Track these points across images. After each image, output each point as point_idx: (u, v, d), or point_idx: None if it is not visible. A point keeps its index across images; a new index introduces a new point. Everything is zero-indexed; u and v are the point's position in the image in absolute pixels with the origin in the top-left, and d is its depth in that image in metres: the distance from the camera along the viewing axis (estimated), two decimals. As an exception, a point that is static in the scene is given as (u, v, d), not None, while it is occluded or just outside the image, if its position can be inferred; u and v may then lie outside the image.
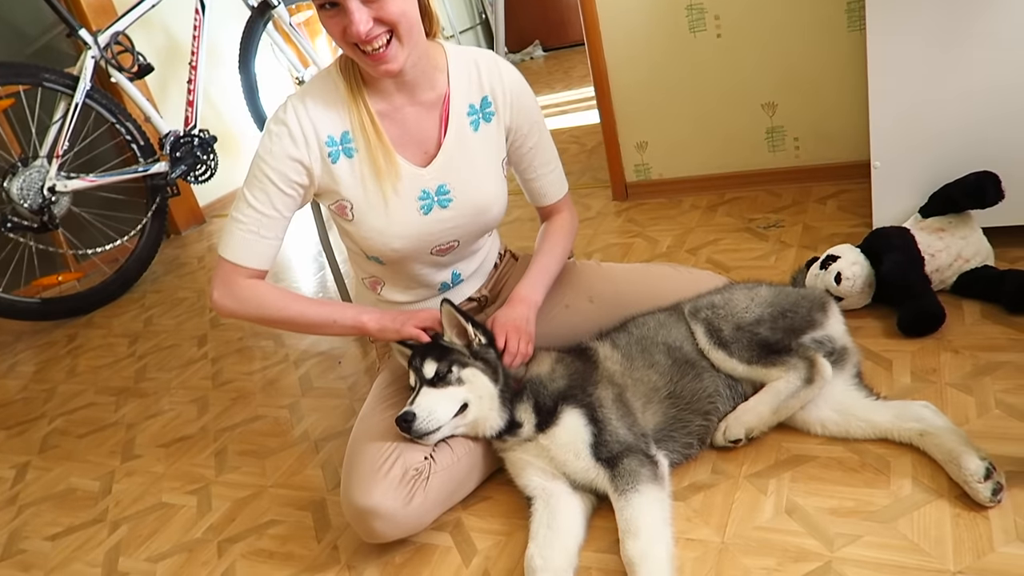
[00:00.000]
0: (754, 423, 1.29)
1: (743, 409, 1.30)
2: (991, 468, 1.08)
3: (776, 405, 1.28)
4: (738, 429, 1.29)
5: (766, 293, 1.41)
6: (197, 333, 2.37)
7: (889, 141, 1.68)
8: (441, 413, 1.28)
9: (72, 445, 1.89)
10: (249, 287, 1.33)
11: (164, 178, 2.88)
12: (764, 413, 1.29)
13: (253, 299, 1.33)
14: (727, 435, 1.29)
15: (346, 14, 1.18)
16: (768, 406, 1.28)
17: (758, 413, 1.29)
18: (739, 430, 1.29)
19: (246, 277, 1.32)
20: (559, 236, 1.54)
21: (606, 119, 2.44)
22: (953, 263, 1.57)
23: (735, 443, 1.29)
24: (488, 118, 1.39)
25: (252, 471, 1.61)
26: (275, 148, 1.29)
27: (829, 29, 2.06)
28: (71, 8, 3.08)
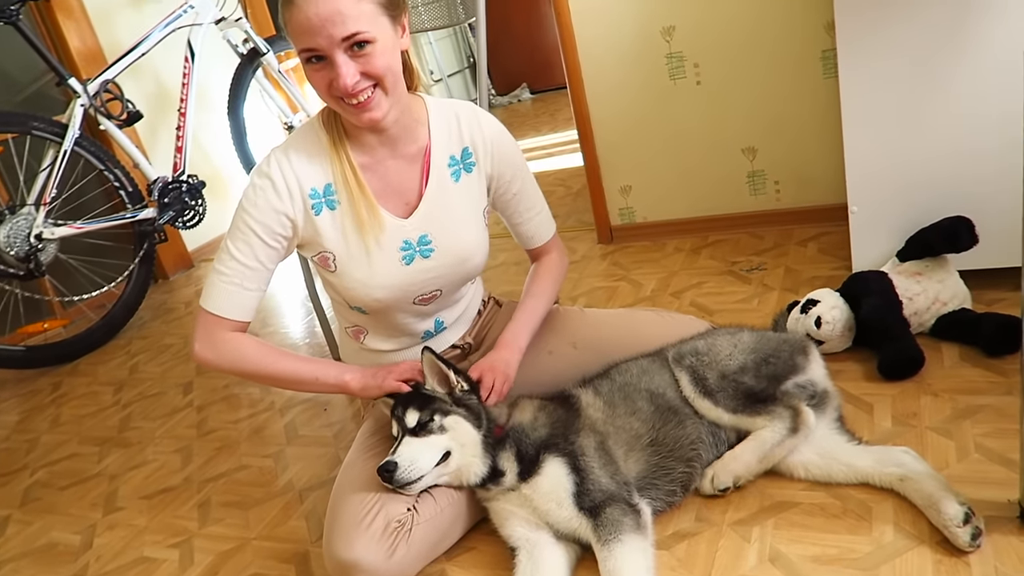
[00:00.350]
0: (741, 471, 1.29)
1: (730, 457, 1.30)
2: (970, 513, 1.09)
3: (762, 454, 1.28)
4: (726, 477, 1.29)
5: (748, 339, 1.42)
6: (183, 380, 2.36)
7: (865, 186, 1.72)
8: (424, 462, 1.27)
9: (54, 498, 1.87)
10: (231, 340, 1.33)
11: (152, 224, 2.89)
12: (751, 462, 1.29)
13: (234, 353, 1.33)
14: (715, 484, 1.29)
15: (333, 67, 1.20)
16: (754, 455, 1.29)
17: (745, 462, 1.29)
18: (727, 478, 1.29)
19: (228, 330, 1.33)
20: (547, 280, 1.56)
21: (590, 163, 2.48)
22: (931, 306, 1.59)
23: (723, 491, 1.29)
24: (469, 168, 1.41)
25: (236, 523, 1.59)
26: (259, 200, 1.30)
27: (805, 76, 2.11)
28: (61, 57, 3.12)
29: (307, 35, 1.18)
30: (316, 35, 1.17)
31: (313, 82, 1.25)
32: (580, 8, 2.28)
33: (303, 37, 1.19)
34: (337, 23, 1.17)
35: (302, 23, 1.17)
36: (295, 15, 1.18)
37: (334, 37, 1.17)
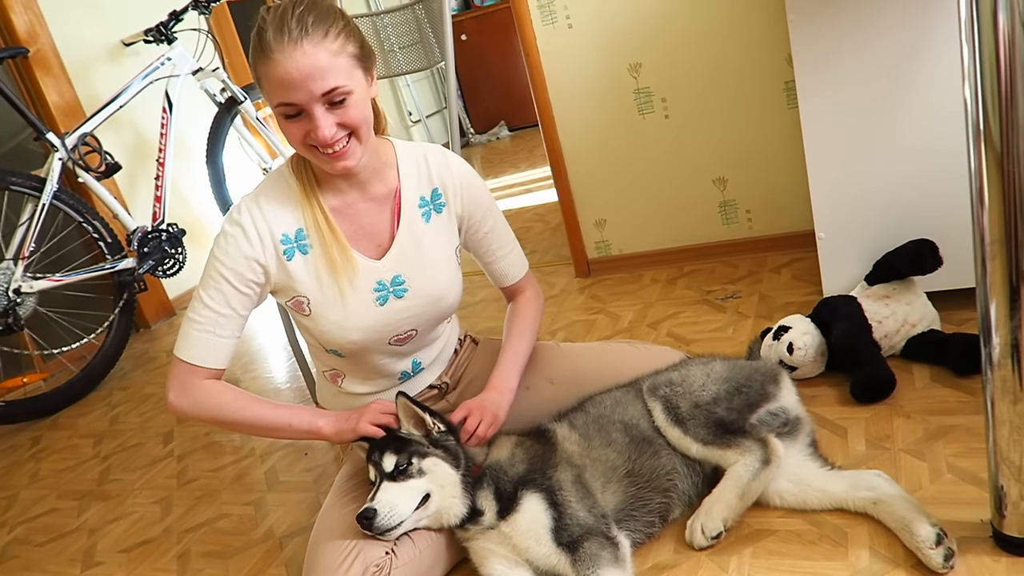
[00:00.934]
0: (726, 513, 1.27)
1: (711, 502, 1.28)
2: (942, 534, 1.09)
3: (741, 490, 1.27)
4: (715, 523, 1.26)
5: (720, 368, 1.43)
6: (163, 430, 2.34)
7: (831, 213, 1.75)
8: (403, 508, 1.27)
9: (32, 554, 1.85)
10: (205, 388, 1.33)
11: (132, 274, 2.89)
12: (732, 501, 1.27)
13: (209, 401, 1.33)
14: (706, 533, 1.25)
15: (311, 120, 1.21)
16: (734, 493, 1.27)
17: (726, 502, 1.27)
18: (716, 524, 1.25)
19: (203, 378, 1.33)
20: (526, 320, 1.57)
21: (564, 198, 2.51)
22: (900, 328, 1.61)
23: (716, 538, 1.26)
24: (439, 209, 1.43)
25: (215, 573, 1.57)
26: (230, 248, 1.31)
27: (770, 107, 2.16)
28: (40, 112, 3.14)
29: (285, 90, 1.19)
30: (295, 90, 1.19)
31: (288, 133, 1.26)
32: (548, 48, 2.33)
33: (280, 92, 1.20)
34: (316, 78, 1.18)
35: (280, 78, 1.18)
36: (272, 69, 1.19)
37: (313, 92, 1.19)
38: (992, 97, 0.91)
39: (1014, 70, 0.89)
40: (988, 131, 0.93)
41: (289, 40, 1.17)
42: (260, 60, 1.20)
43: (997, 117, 0.92)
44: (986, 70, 0.91)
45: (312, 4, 1.20)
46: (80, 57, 3.29)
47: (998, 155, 0.93)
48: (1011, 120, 0.91)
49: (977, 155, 0.95)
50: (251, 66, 1.24)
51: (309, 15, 1.19)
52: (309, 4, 1.20)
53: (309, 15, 1.19)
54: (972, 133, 0.95)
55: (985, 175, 0.95)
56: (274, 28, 1.17)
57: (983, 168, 0.95)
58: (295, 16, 1.18)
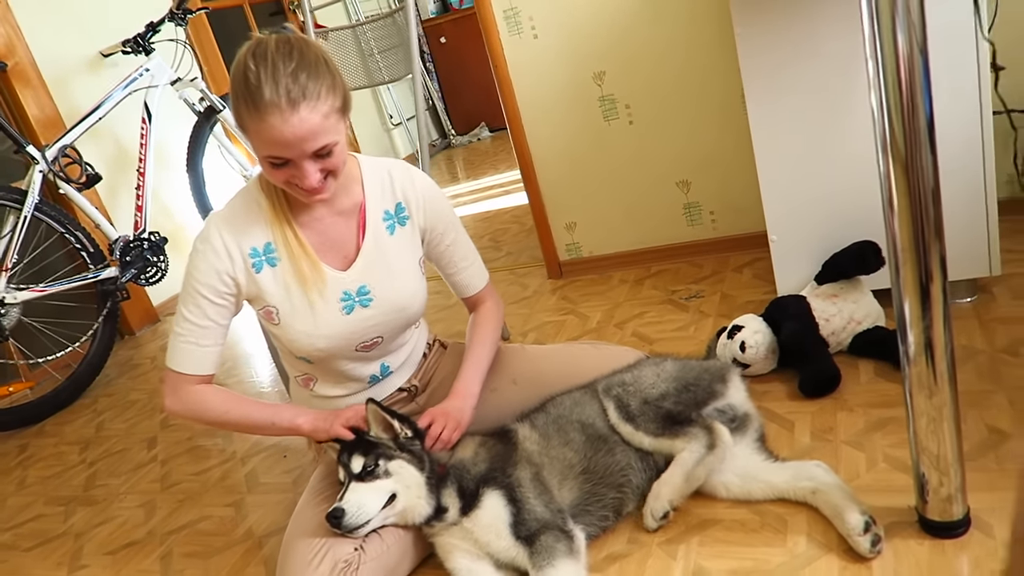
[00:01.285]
0: (671, 495, 1.35)
1: (658, 485, 1.36)
2: (870, 521, 1.17)
3: (686, 474, 1.35)
4: (660, 505, 1.34)
5: (671, 368, 1.51)
6: (147, 435, 2.40)
7: (781, 216, 1.83)
8: (370, 507, 1.34)
9: (19, 560, 1.91)
10: (195, 393, 1.42)
11: (115, 283, 2.95)
12: (678, 483, 1.35)
13: (200, 404, 1.43)
14: (654, 515, 1.34)
15: (297, 169, 1.27)
16: (680, 476, 1.35)
17: (672, 485, 1.35)
18: (662, 505, 1.34)
19: (192, 383, 1.42)
20: (487, 328, 1.63)
21: (535, 202, 2.59)
22: (847, 326, 1.69)
23: (664, 518, 1.34)
24: (403, 222, 1.50)
25: (196, 573, 1.64)
26: (202, 264, 1.38)
27: (729, 113, 2.24)
28: (20, 125, 3.19)
29: (277, 147, 1.24)
30: (288, 149, 1.24)
31: (271, 175, 1.31)
32: (515, 58, 2.40)
33: (272, 147, 1.24)
34: (309, 139, 1.24)
35: (275, 138, 1.23)
36: (266, 130, 1.22)
37: (305, 151, 1.25)
38: (896, 109, 0.99)
39: (914, 83, 0.97)
40: (894, 142, 1.00)
41: (287, 104, 1.21)
42: (252, 116, 1.23)
43: (901, 128, 0.99)
44: (889, 83, 0.98)
45: (302, 59, 1.24)
46: (59, 69, 3.34)
47: (904, 165, 1.01)
48: (914, 131, 0.99)
49: (885, 165, 1.03)
50: (237, 113, 1.26)
51: (302, 73, 1.22)
52: (299, 59, 1.24)
53: (302, 73, 1.22)
54: (880, 144, 1.02)
55: (893, 183, 1.03)
56: (269, 88, 1.20)
57: (891, 177, 1.02)
58: (288, 75, 1.21)
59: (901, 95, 0.98)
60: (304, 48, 1.27)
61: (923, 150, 1.00)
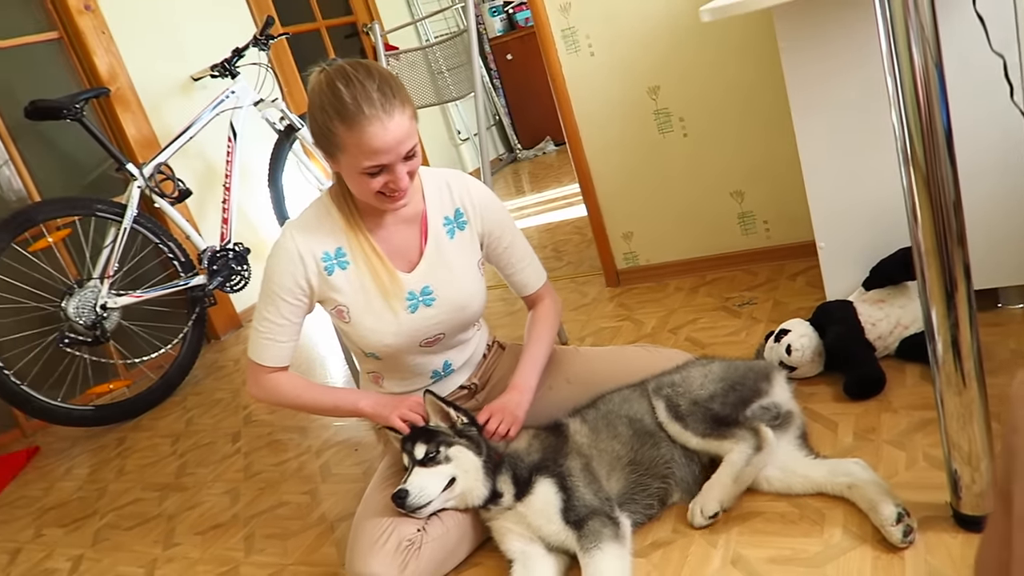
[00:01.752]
0: (721, 495, 1.41)
1: (709, 486, 1.43)
2: (903, 513, 1.23)
3: (735, 475, 1.41)
4: (712, 505, 1.40)
5: (718, 369, 1.58)
6: (232, 430, 2.60)
7: (829, 222, 1.88)
8: (431, 489, 1.46)
9: (120, 537, 2.11)
10: (272, 380, 1.60)
11: (203, 290, 3.18)
12: (728, 484, 1.42)
13: (277, 390, 1.61)
14: (704, 513, 1.40)
15: (391, 174, 1.42)
16: (729, 477, 1.42)
17: (723, 485, 1.42)
18: (714, 505, 1.40)
19: (269, 373, 1.59)
20: (544, 326, 1.74)
21: (593, 213, 2.68)
22: (893, 330, 1.73)
23: (713, 518, 1.40)
24: (462, 227, 1.63)
25: (276, 551, 1.80)
26: (278, 269, 1.54)
27: (779, 124, 2.29)
28: (120, 144, 3.48)
29: (378, 156, 1.38)
30: (387, 155, 1.39)
31: (363, 186, 1.45)
32: (572, 75, 2.51)
33: (372, 157, 1.38)
34: (404, 141, 1.40)
35: (376, 146, 1.37)
36: (366, 140, 1.36)
37: (400, 153, 1.40)
38: (915, 124, 1.05)
39: (931, 99, 1.04)
40: (915, 155, 1.07)
41: (384, 113, 1.37)
42: (352, 132, 1.37)
43: (921, 142, 1.06)
44: (907, 99, 1.05)
45: (380, 76, 1.41)
46: (154, 93, 3.62)
47: (925, 176, 1.07)
48: (933, 144, 1.05)
49: (908, 177, 1.09)
50: (331, 134, 1.40)
51: (385, 87, 1.39)
52: (379, 76, 1.40)
53: (385, 87, 1.39)
54: (902, 157, 1.09)
55: (916, 194, 1.09)
56: (367, 104, 1.36)
57: (913, 188, 1.09)
58: (376, 90, 1.37)
59: (920, 110, 1.04)
60: (375, 67, 1.44)
61: (943, 163, 1.06)
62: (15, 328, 3.01)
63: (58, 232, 3.09)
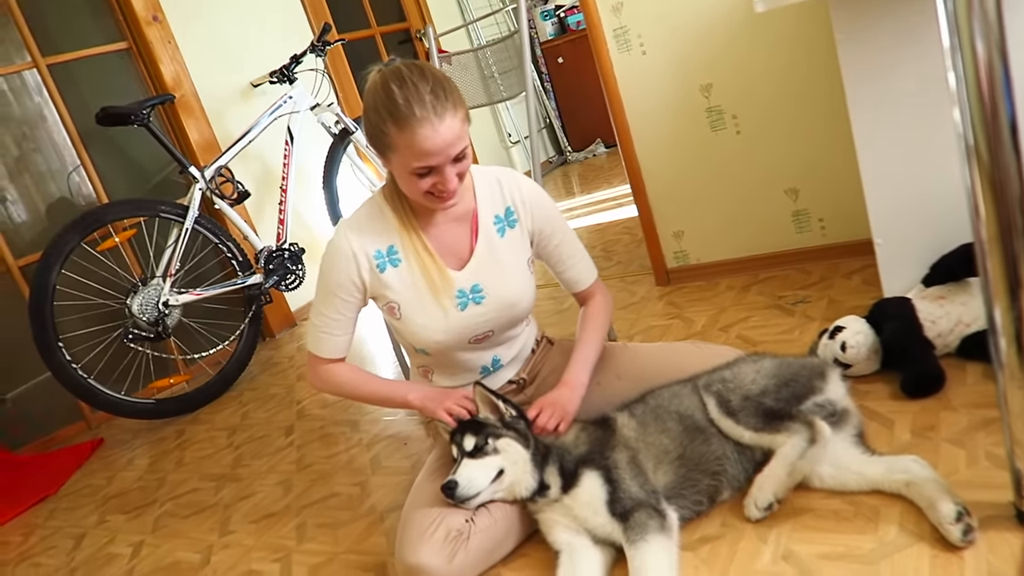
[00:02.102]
0: (775, 487, 1.39)
1: (762, 478, 1.41)
2: (963, 512, 1.19)
3: (789, 467, 1.39)
4: (766, 497, 1.38)
5: (769, 365, 1.56)
6: (285, 424, 2.66)
7: (887, 219, 1.83)
8: (480, 480, 1.47)
9: (178, 525, 2.18)
10: (330, 371, 1.66)
11: (259, 288, 3.27)
12: (781, 477, 1.39)
13: (334, 380, 1.68)
14: (759, 505, 1.38)
15: (440, 175, 1.44)
16: (783, 470, 1.39)
17: (776, 478, 1.40)
18: (767, 497, 1.38)
19: (327, 364, 1.65)
20: (596, 322, 1.74)
21: (643, 212, 2.67)
22: (954, 328, 1.68)
23: (768, 509, 1.38)
24: (512, 225, 1.64)
25: (327, 540, 1.83)
26: (333, 267, 1.58)
27: (835, 119, 2.24)
28: (183, 148, 3.60)
29: (428, 157, 1.40)
30: (436, 156, 1.41)
31: (413, 186, 1.47)
32: (624, 74, 2.51)
33: (422, 159, 1.40)
34: (453, 144, 1.42)
35: (428, 150, 1.39)
36: (418, 142, 1.38)
37: (449, 155, 1.42)
38: (978, 117, 1.03)
39: (995, 92, 1.01)
40: (978, 149, 1.04)
41: (435, 116, 1.38)
42: (403, 133, 1.38)
43: (984, 136, 1.03)
44: (971, 94, 1.02)
45: (434, 78, 1.42)
46: (216, 99, 3.74)
47: (989, 170, 1.04)
48: (997, 138, 1.02)
49: (970, 171, 1.06)
50: (383, 135, 1.42)
51: (439, 89, 1.40)
52: (432, 79, 1.42)
53: (439, 89, 1.40)
54: (964, 152, 1.06)
55: (979, 189, 1.06)
56: (418, 106, 1.38)
57: (977, 183, 1.06)
58: (429, 92, 1.39)
59: (983, 104, 1.01)
60: (430, 69, 1.45)
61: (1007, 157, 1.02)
62: (82, 324, 3.14)
63: (124, 232, 3.21)
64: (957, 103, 1.04)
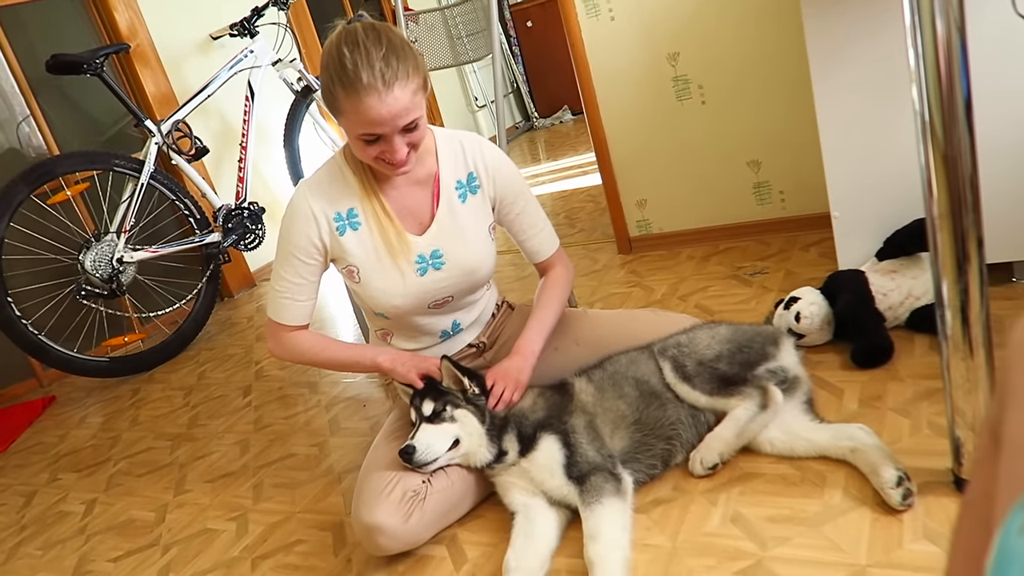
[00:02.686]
0: (723, 448, 1.44)
1: (711, 438, 1.46)
2: (903, 477, 1.23)
3: (738, 430, 1.44)
4: (712, 456, 1.44)
5: (725, 331, 1.59)
6: (243, 384, 2.64)
7: (845, 193, 1.87)
8: (437, 446, 1.48)
9: (133, 483, 2.16)
10: (292, 338, 1.61)
11: (217, 247, 3.21)
12: (730, 439, 1.45)
13: (296, 347, 1.62)
14: (704, 464, 1.44)
15: (388, 144, 1.40)
16: (732, 432, 1.44)
17: (724, 439, 1.45)
18: (713, 456, 1.44)
19: (289, 331, 1.60)
20: (554, 291, 1.74)
21: (607, 179, 2.68)
22: (904, 301, 1.73)
23: (712, 469, 1.44)
24: (474, 191, 1.63)
25: (284, 500, 1.83)
26: (293, 228, 1.54)
27: (799, 93, 2.27)
28: (139, 101, 3.49)
29: (373, 125, 1.36)
30: (382, 126, 1.37)
31: (363, 152, 1.44)
32: (592, 40, 2.49)
33: (367, 126, 1.36)
34: (402, 116, 1.37)
35: (372, 119, 1.35)
36: (363, 110, 1.33)
37: (396, 126, 1.38)
38: (935, 96, 1.04)
39: (952, 70, 1.02)
40: (933, 125, 1.06)
41: (382, 85, 1.33)
42: (350, 98, 1.34)
43: (940, 112, 1.05)
44: (929, 71, 1.04)
45: (390, 44, 1.37)
46: (174, 51, 3.62)
47: (942, 147, 1.06)
48: (952, 115, 1.04)
49: (925, 148, 1.08)
50: (333, 97, 1.38)
51: (392, 56, 1.35)
52: (387, 45, 1.36)
53: (392, 56, 1.35)
54: (920, 127, 1.08)
55: (932, 165, 1.08)
56: (366, 72, 1.33)
57: (930, 159, 1.08)
58: (381, 59, 1.34)
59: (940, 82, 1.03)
60: (389, 33, 1.39)
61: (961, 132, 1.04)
62: (33, 279, 3.06)
63: (76, 186, 3.12)
64: (915, 80, 1.06)
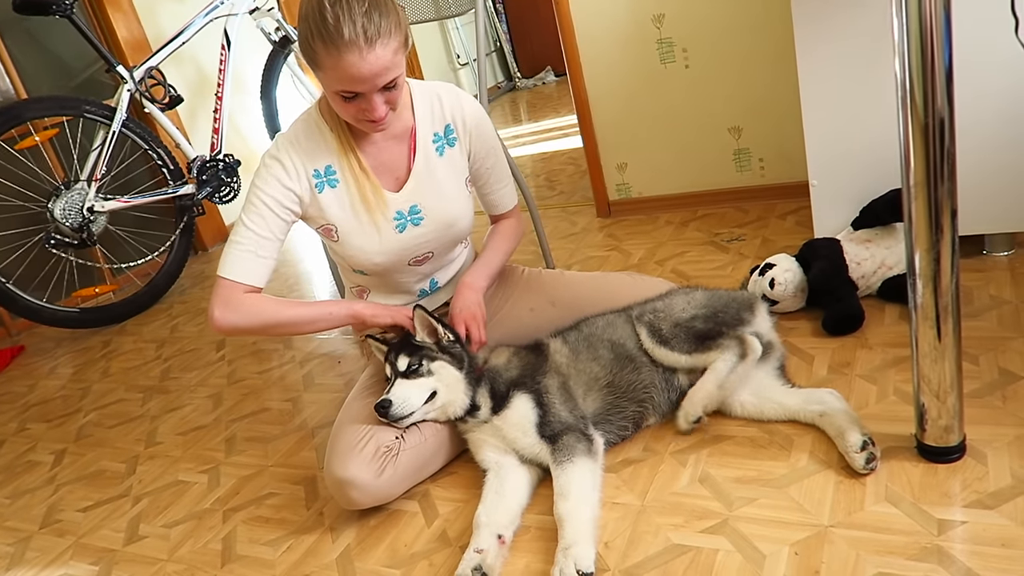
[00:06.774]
0: (706, 400, 1.45)
1: (694, 391, 1.46)
2: (867, 441, 1.26)
3: (719, 381, 1.44)
4: (695, 409, 1.44)
5: (701, 296, 1.60)
6: (216, 339, 2.62)
7: (824, 161, 1.87)
8: (413, 400, 1.48)
9: (103, 434, 2.14)
10: (247, 300, 1.47)
11: (191, 199, 3.15)
12: (712, 390, 1.45)
13: (253, 309, 1.47)
14: (688, 418, 1.45)
15: (367, 102, 1.37)
16: (713, 383, 1.45)
17: (706, 391, 1.45)
18: (697, 410, 1.44)
19: (245, 291, 1.47)
20: (504, 237, 1.75)
21: (588, 141, 2.66)
22: (877, 270, 1.75)
23: (697, 423, 1.45)
24: (452, 143, 1.61)
25: (256, 454, 1.83)
26: (270, 178, 1.49)
27: (783, 61, 2.26)
28: (110, 46, 3.39)
29: (351, 82, 1.32)
30: (361, 84, 1.33)
31: (341, 108, 1.40)
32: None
33: (346, 83, 1.32)
34: (381, 75, 1.33)
35: (352, 74, 1.30)
36: (343, 66, 1.29)
37: (377, 85, 1.34)
38: (917, 65, 1.04)
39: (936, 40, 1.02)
40: (913, 96, 1.06)
41: (364, 42, 1.29)
42: (329, 54, 1.29)
43: (921, 83, 1.05)
44: (912, 40, 1.03)
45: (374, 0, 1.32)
46: (147, -6, 3.51)
47: (922, 118, 1.06)
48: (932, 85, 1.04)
49: (904, 118, 1.08)
50: (312, 51, 1.33)
51: (375, 12, 1.30)
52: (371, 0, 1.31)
53: (375, 12, 1.30)
54: (900, 98, 1.08)
55: (911, 134, 1.08)
56: (348, 28, 1.28)
57: (909, 128, 1.08)
58: (363, 14, 1.29)
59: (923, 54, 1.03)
60: None
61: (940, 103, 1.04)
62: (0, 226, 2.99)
63: (45, 132, 3.04)
64: (898, 49, 1.06)
